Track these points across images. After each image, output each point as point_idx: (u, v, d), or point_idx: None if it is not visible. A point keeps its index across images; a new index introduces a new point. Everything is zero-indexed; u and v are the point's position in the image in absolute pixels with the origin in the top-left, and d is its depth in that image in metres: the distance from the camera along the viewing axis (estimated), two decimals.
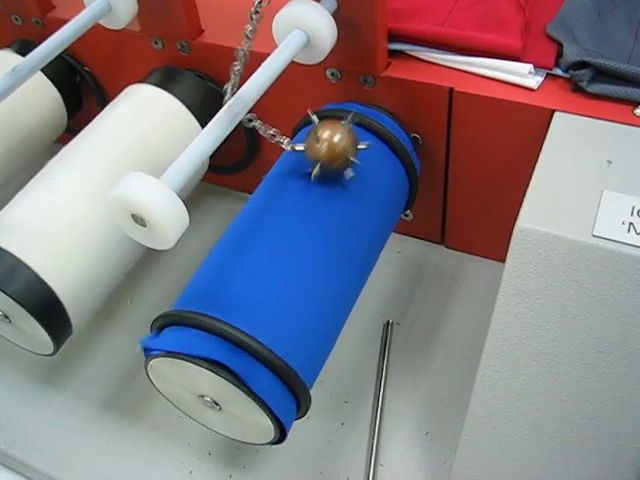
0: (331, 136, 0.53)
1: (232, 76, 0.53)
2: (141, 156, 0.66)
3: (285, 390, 0.51)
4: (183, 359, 0.49)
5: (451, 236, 0.78)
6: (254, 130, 0.56)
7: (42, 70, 0.74)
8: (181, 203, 0.44)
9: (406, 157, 0.64)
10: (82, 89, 0.85)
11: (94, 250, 0.63)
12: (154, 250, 0.50)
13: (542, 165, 0.55)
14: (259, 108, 0.55)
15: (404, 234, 0.80)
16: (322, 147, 0.53)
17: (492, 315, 0.53)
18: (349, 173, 0.55)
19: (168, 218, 0.44)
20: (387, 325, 0.72)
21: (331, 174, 0.55)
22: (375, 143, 0.62)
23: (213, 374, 0.48)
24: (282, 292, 0.51)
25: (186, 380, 0.51)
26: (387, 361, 0.69)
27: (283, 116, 0.65)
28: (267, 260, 0.52)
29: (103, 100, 0.84)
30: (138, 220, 0.45)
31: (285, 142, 0.56)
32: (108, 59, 0.81)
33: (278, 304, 0.51)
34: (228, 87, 0.53)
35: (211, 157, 0.75)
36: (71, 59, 0.82)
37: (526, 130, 0.62)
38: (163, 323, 0.52)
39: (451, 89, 0.62)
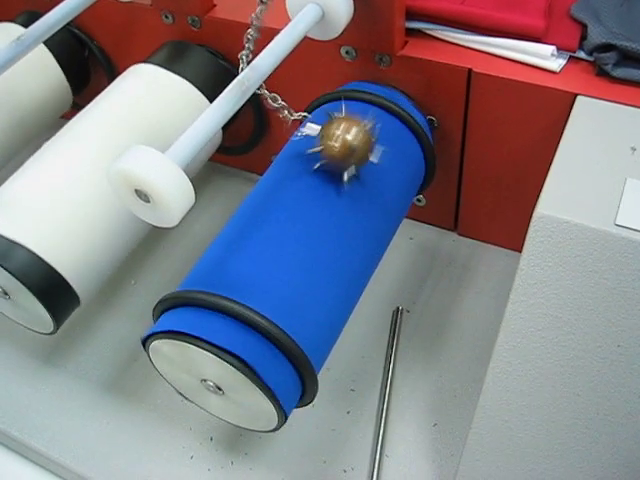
0: (348, 134, 0.51)
1: (246, 44, 0.51)
2: (145, 134, 0.65)
3: (294, 376, 0.49)
4: (186, 341, 0.47)
5: (464, 223, 0.76)
6: (263, 109, 0.54)
7: (46, 44, 0.74)
8: (187, 179, 0.43)
9: (424, 139, 0.61)
10: (90, 64, 0.83)
11: (97, 225, 0.61)
12: (160, 229, 0.49)
13: (563, 151, 0.53)
14: (270, 86, 0.53)
15: (416, 220, 0.78)
16: (335, 143, 0.51)
17: (506, 305, 0.51)
18: (350, 173, 0.52)
19: (173, 194, 0.42)
20: (397, 312, 0.71)
21: (334, 168, 0.53)
22: (393, 124, 0.61)
23: (219, 359, 0.46)
24: (294, 275, 0.49)
25: (188, 363, 0.50)
26: (395, 349, 0.68)
27: (295, 95, 0.62)
28: (277, 242, 0.51)
29: (112, 75, 0.82)
30: (142, 196, 0.43)
31: (295, 116, 0.53)
32: (118, 33, 0.79)
33: (290, 286, 0.49)
34: (242, 55, 0.51)
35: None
36: (80, 32, 0.80)
37: (547, 114, 0.59)
38: (167, 306, 0.50)
39: (469, 70, 0.60)
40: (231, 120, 0.62)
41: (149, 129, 0.66)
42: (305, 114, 0.53)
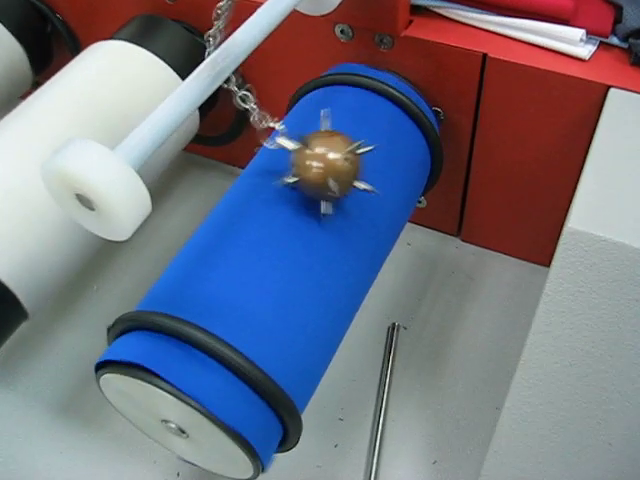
0: (328, 159, 0.42)
1: (215, 21, 0.42)
2: (109, 122, 0.56)
3: (272, 420, 0.41)
4: (139, 377, 0.39)
5: (469, 228, 0.70)
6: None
7: (3, 17, 0.68)
8: (141, 183, 0.34)
9: (432, 134, 0.54)
10: (53, 40, 0.75)
11: (49, 227, 0.53)
12: None
13: (596, 153, 0.45)
14: (253, 69, 0.46)
15: (415, 223, 0.72)
16: (313, 165, 0.42)
17: (528, 336, 0.44)
18: (329, 205, 0.44)
19: (122, 202, 0.34)
20: (392, 328, 0.64)
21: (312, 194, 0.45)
22: (395, 115, 0.53)
23: (179, 401, 0.38)
24: (271, 301, 0.42)
25: (146, 401, 0.42)
26: (390, 372, 0.61)
27: (280, 82, 0.59)
28: (252, 265, 0.43)
29: (77, 53, 0.72)
30: (84, 202, 0.35)
31: (269, 123, 0.45)
32: (84, 7, 0.71)
33: (267, 314, 0.41)
34: (209, 36, 0.42)
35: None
36: (41, 4, 0.72)
37: (574, 109, 0.53)
38: (121, 330, 0.42)
39: (484, 55, 0.53)
40: (210, 107, 0.54)
41: (113, 115, 0.58)
42: (280, 125, 0.44)
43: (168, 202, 0.76)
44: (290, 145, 0.43)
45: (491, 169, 0.62)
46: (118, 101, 0.59)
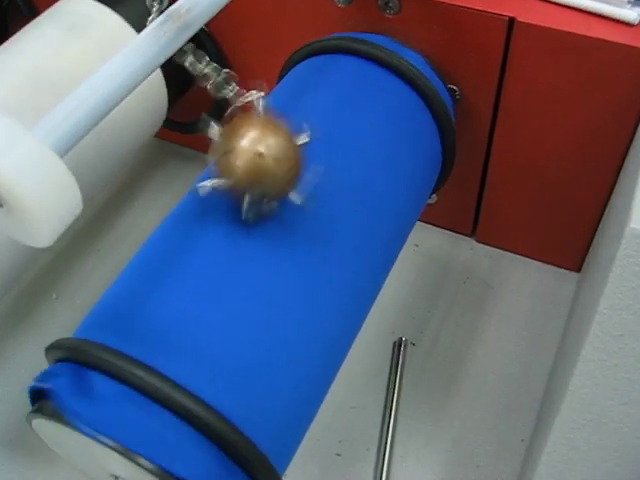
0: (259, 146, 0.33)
1: None
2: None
3: None
4: (78, 431, 0.31)
5: (486, 227, 0.64)
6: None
7: None
8: (66, 172, 0.26)
9: (445, 117, 0.47)
10: (10, 10, 0.69)
11: None
12: (93, 224, 0.40)
13: None
14: (237, 39, 0.49)
15: (423, 222, 0.65)
16: (237, 162, 0.33)
17: (575, 366, 0.37)
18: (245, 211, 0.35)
19: (37, 195, 0.25)
20: (398, 345, 0.58)
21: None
22: (400, 92, 0.46)
23: (129, 461, 0.30)
24: (242, 325, 0.34)
25: (90, 453, 0.33)
26: (397, 397, 0.54)
27: (268, 55, 0.54)
28: (223, 280, 0.35)
29: None
30: None
31: (239, 97, 0.36)
32: None
33: (234, 346, 0.33)
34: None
35: (171, 109, 0.62)
36: None
37: (620, 84, 0.46)
38: (60, 357, 0.35)
39: (511, 19, 0.47)
40: (182, 85, 0.45)
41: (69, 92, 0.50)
42: (259, 95, 0.35)
43: (140, 198, 0.70)
44: (213, 131, 0.34)
45: (513, 158, 0.56)
46: (75, 75, 0.51)
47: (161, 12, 0.32)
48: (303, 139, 0.34)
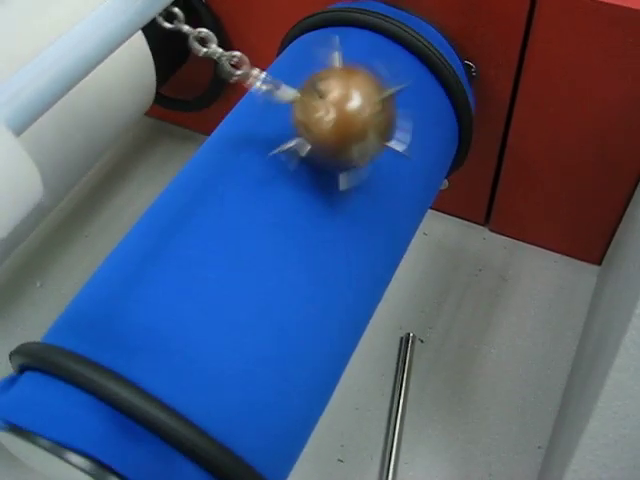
0: (349, 102, 0.31)
1: None
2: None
3: None
4: (43, 447, 0.28)
5: (500, 215, 0.62)
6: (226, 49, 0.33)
7: None
8: (22, 153, 0.22)
9: (460, 94, 0.44)
10: None
11: None
12: (81, 207, 0.40)
13: None
14: (230, 13, 0.47)
15: (434, 209, 0.62)
16: (326, 118, 0.30)
17: (607, 374, 0.34)
18: (345, 180, 0.33)
19: None
20: (405, 341, 0.55)
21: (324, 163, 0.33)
22: (413, 69, 0.42)
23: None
24: (230, 336, 0.31)
25: (59, 470, 0.30)
26: (404, 398, 0.52)
27: (267, 28, 0.51)
28: (213, 281, 0.32)
29: None
30: None
31: (240, 73, 0.33)
32: None
33: (223, 355, 0.30)
34: None
35: (163, 85, 0.60)
36: None
37: None
38: (25, 363, 0.31)
39: None
40: (175, 59, 0.42)
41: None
42: (260, 72, 0.32)
43: (133, 180, 0.67)
44: (288, 93, 0.31)
45: (532, 141, 0.53)
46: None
47: None
48: (393, 89, 0.31)
